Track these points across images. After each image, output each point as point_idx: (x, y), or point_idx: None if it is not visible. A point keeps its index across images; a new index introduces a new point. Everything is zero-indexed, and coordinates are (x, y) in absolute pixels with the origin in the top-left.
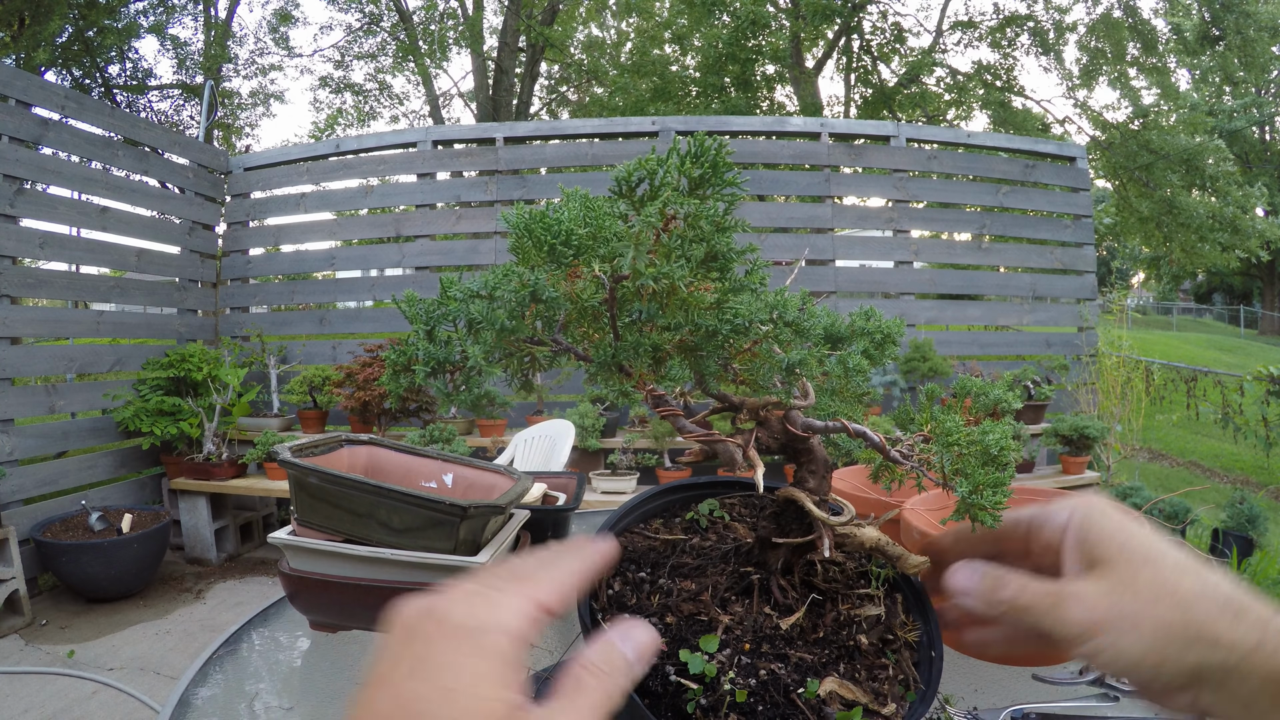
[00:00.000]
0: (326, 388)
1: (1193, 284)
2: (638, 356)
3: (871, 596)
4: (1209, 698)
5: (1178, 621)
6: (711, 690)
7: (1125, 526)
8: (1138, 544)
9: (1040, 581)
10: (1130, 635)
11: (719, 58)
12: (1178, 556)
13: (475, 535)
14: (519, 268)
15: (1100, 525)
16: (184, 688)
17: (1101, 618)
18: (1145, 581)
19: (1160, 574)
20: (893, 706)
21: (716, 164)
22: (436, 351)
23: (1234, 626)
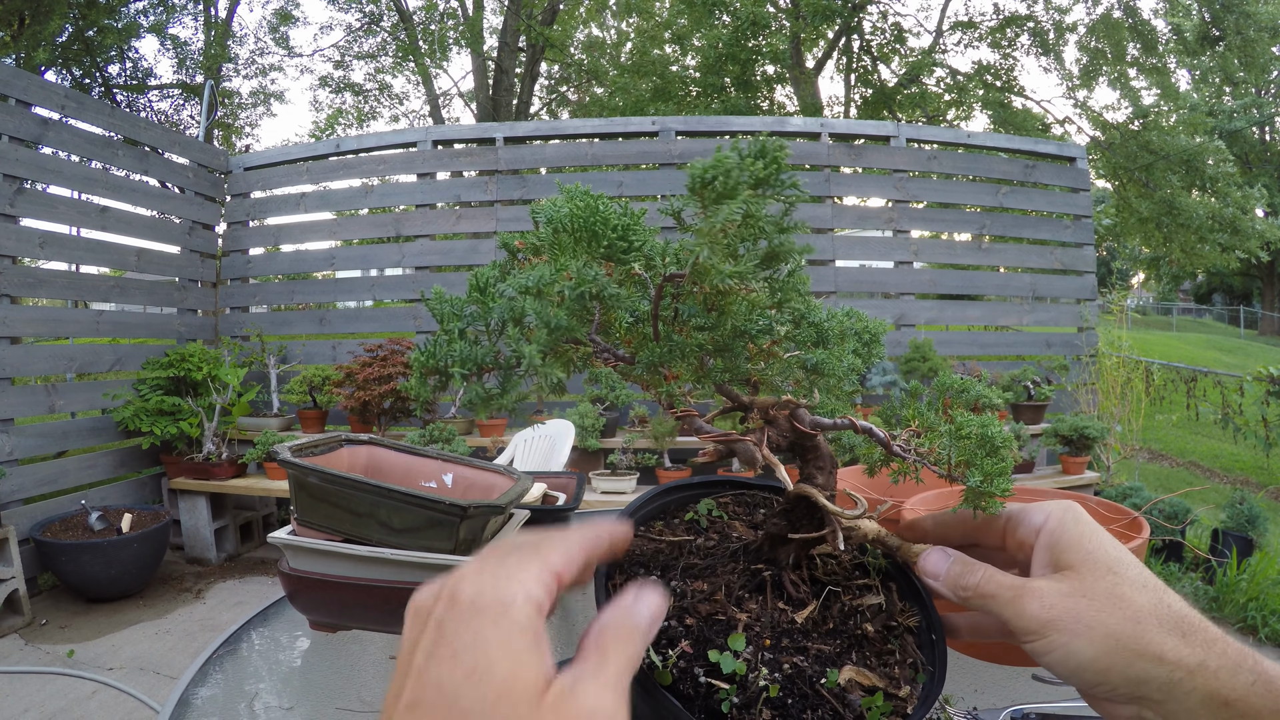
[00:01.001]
0: (326, 387)
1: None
2: (682, 358)
3: (870, 586)
4: (1150, 713)
5: (1127, 633)
6: (743, 688)
7: (1095, 536)
8: (1103, 554)
9: (1006, 574)
10: (1081, 639)
11: (719, 58)
12: (1139, 573)
13: (475, 535)
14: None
15: (1072, 531)
16: (184, 687)
17: (1056, 617)
18: (1103, 590)
19: (1118, 585)
20: (907, 689)
21: (778, 162)
22: (474, 352)
23: (1180, 645)
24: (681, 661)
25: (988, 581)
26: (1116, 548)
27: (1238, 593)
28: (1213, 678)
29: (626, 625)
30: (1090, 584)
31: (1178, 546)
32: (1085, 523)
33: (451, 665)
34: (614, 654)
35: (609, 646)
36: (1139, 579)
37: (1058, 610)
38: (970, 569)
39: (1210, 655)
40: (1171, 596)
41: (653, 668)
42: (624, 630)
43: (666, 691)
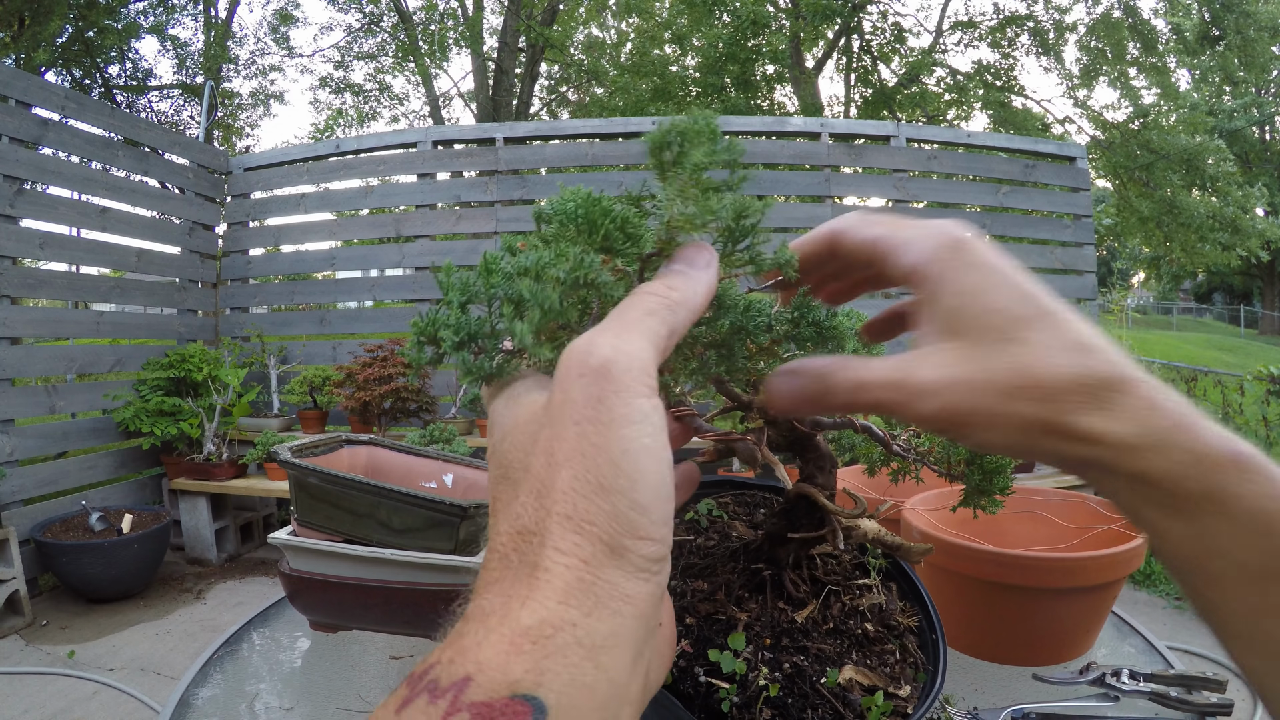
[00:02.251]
0: (326, 388)
1: (1193, 284)
2: (678, 352)
3: (870, 586)
4: (1081, 477)
5: (1039, 417)
6: (743, 687)
7: (987, 289)
8: (1000, 318)
9: (879, 370)
10: (990, 431)
11: (719, 58)
12: (1051, 329)
13: (475, 535)
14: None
15: (956, 285)
16: (184, 688)
17: (954, 417)
18: (1005, 371)
19: (1023, 360)
20: (907, 688)
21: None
22: (469, 323)
23: (1104, 420)
24: (682, 661)
25: (863, 386)
26: (1018, 298)
27: None
28: (1139, 456)
29: (672, 287)
30: (987, 363)
31: None
32: (975, 266)
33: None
34: (647, 307)
35: (645, 301)
36: (1049, 340)
37: (954, 410)
38: (828, 383)
39: (1137, 429)
40: (1095, 354)
41: None
42: (667, 292)
43: (667, 691)
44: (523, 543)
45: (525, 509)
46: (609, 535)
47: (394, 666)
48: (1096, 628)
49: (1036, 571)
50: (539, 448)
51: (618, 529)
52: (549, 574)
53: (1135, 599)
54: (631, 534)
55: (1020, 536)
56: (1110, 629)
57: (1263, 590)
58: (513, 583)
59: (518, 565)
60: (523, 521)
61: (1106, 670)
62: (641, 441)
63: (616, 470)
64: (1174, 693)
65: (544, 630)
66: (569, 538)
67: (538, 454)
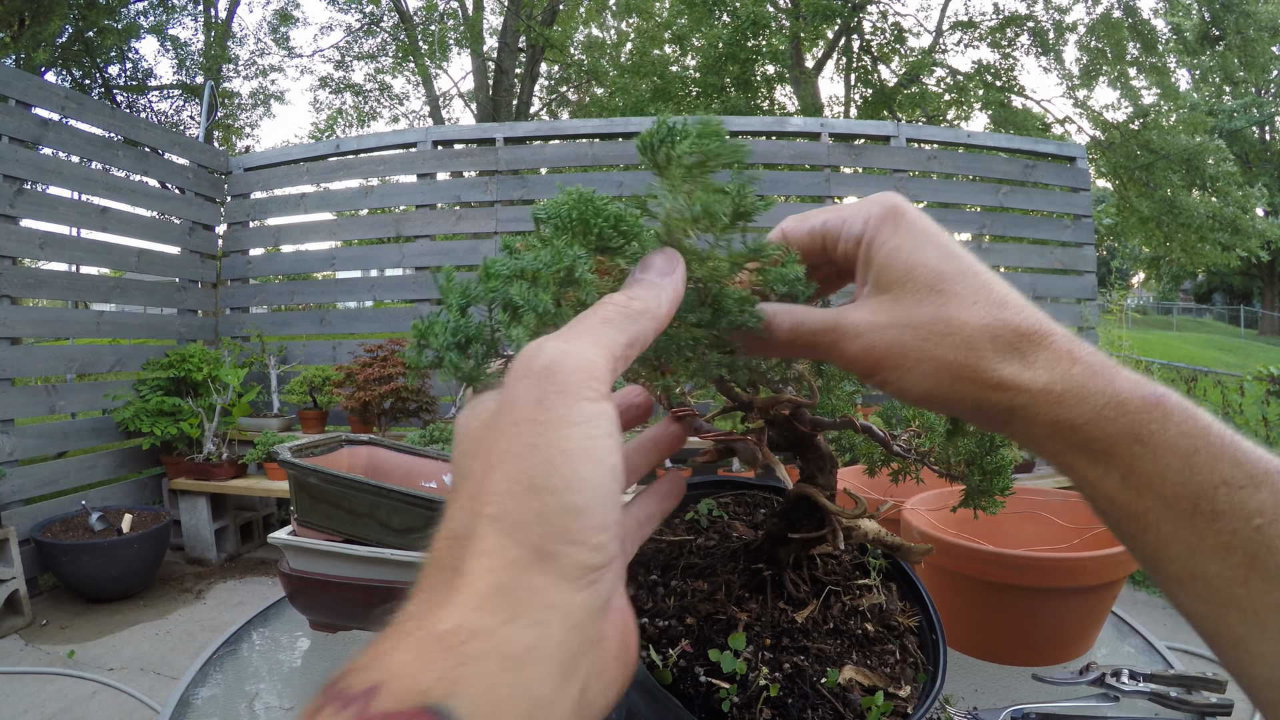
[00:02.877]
0: (326, 388)
1: (1193, 284)
2: (678, 352)
3: (870, 586)
4: (1003, 430)
5: (959, 361)
6: (743, 687)
7: (916, 245)
8: (925, 271)
9: (817, 313)
10: (911, 375)
11: (719, 58)
12: (971, 284)
13: None
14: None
15: (889, 245)
16: (184, 688)
17: (879, 357)
18: (926, 317)
19: (944, 308)
20: (907, 689)
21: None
22: (465, 326)
23: (1020, 369)
24: (682, 661)
25: (800, 329)
26: (943, 255)
27: None
28: (1057, 403)
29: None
30: (911, 310)
31: None
32: (906, 229)
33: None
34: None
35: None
36: (970, 293)
37: (879, 350)
38: (774, 323)
39: (1055, 377)
40: (1011, 309)
41: (653, 667)
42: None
43: (667, 691)
44: (453, 547)
45: (459, 512)
46: (538, 538)
47: None
48: (1096, 628)
49: (1036, 571)
50: (479, 450)
51: (547, 532)
52: (468, 578)
53: (1135, 599)
54: (563, 539)
55: (1020, 536)
56: (1110, 629)
57: (1194, 527)
58: (435, 588)
59: (445, 570)
60: (454, 525)
61: (1106, 670)
62: (582, 443)
63: (551, 470)
64: (1174, 693)
65: (458, 636)
66: (493, 539)
67: (478, 456)
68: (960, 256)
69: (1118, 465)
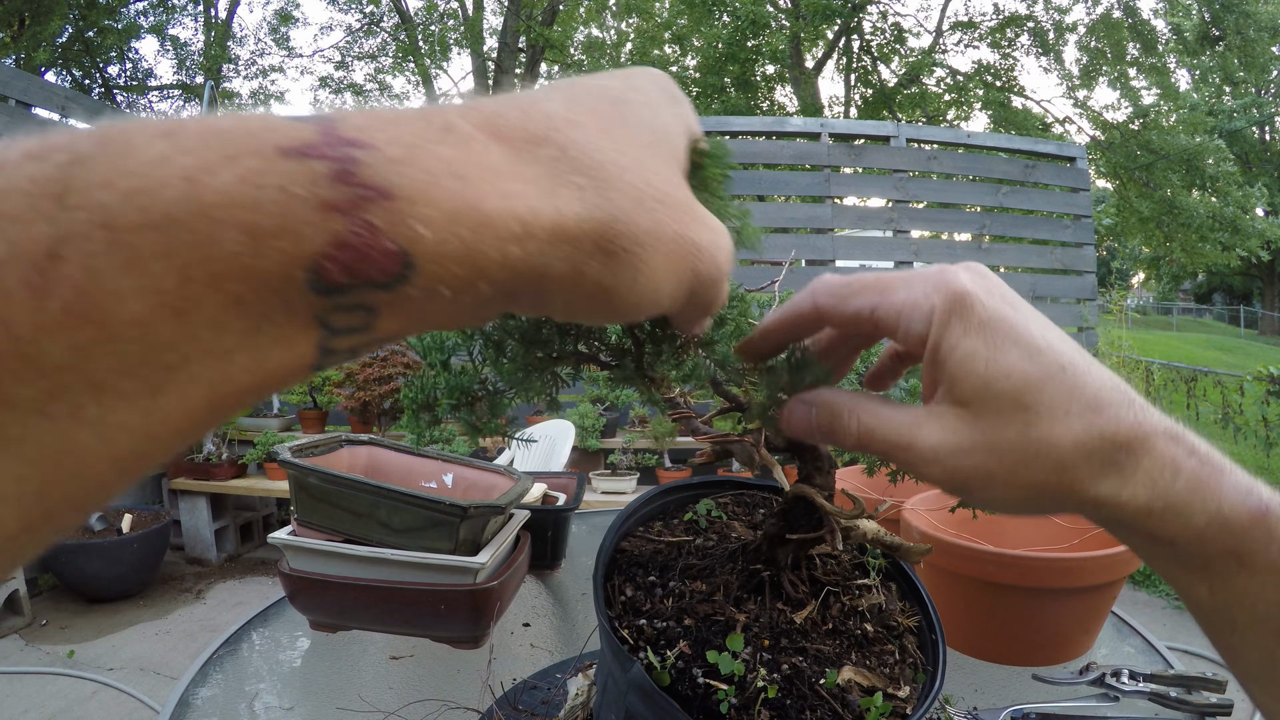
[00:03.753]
0: (326, 388)
1: (1193, 284)
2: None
3: (870, 586)
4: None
5: (1052, 484)
6: (741, 689)
7: (993, 353)
8: (1007, 384)
9: (889, 418)
10: (998, 494)
11: (719, 58)
12: (1061, 390)
13: (475, 535)
14: None
15: (960, 350)
16: (184, 688)
17: (962, 482)
18: (1013, 441)
19: (1033, 429)
20: (906, 689)
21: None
22: (458, 382)
23: (1119, 486)
24: (680, 662)
25: (870, 436)
26: (1026, 356)
27: None
28: (1157, 520)
29: None
30: (996, 433)
31: None
32: (979, 327)
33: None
34: None
35: None
36: (1061, 402)
37: (961, 475)
38: (840, 422)
39: (1155, 494)
40: (1107, 413)
41: (651, 669)
42: None
43: (665, 693)
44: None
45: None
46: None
47: (394, 666)
48: (1096, 628)
49: (1036, 571)
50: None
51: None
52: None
53: (1135, 599)
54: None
55: (1020, 536)
56: (1110, 629)
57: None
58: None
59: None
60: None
61: (1106, 670)
62: None
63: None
64: (1174, 693)
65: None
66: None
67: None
68: (1044, 351)
69: (1211, 578)
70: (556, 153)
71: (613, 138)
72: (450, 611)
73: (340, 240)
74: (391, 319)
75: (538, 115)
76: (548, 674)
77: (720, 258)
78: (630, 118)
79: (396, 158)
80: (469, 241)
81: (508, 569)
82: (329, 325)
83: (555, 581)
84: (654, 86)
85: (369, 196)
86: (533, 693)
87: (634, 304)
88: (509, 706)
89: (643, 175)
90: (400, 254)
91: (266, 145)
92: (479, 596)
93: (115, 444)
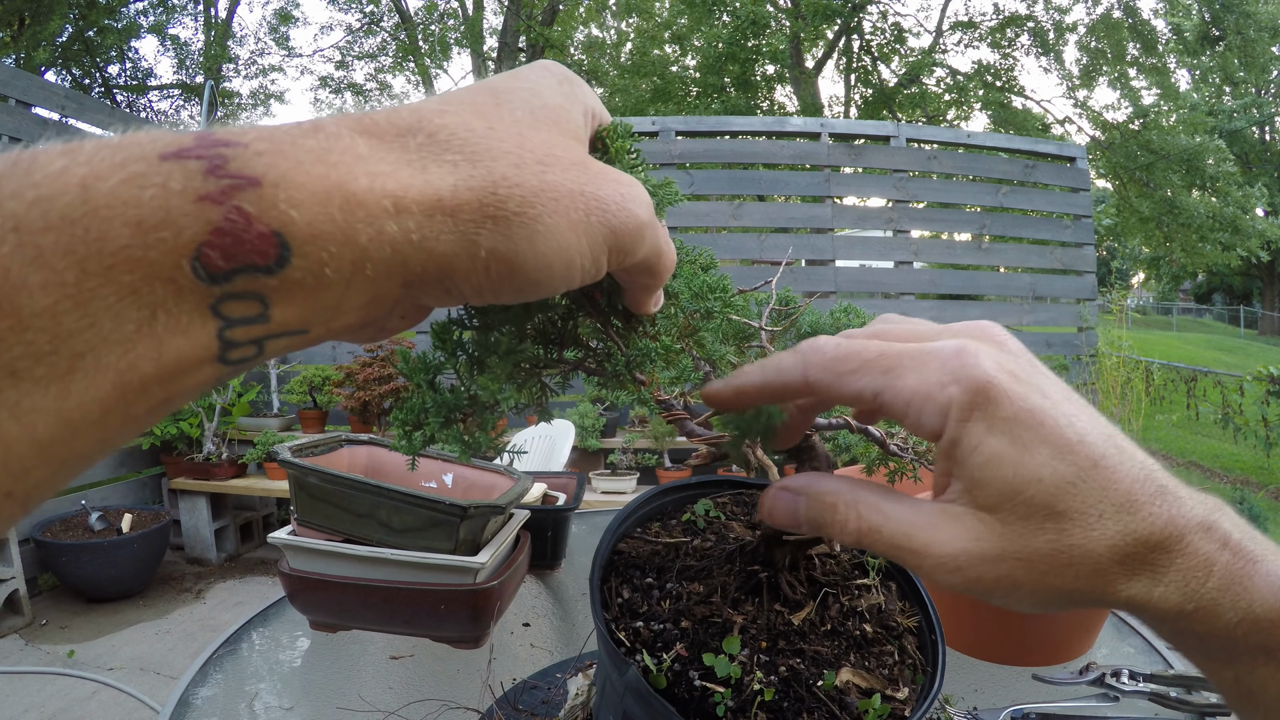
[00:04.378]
0: (326, 388)
1: (1193, 284)
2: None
3: (868, 587)
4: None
5: (1083, 589)
6: (738, 691)
7: (1020, 454)
8: (1037, 489)
9: (897, 517)
10: (1025, 599)
11: (719, 58)
12: (1089, 494)
13: (475, 535)
14: None
15: (984, 450)
16: (184, 688)
17: (985, 589)
18: (1044, 550)
19: (1065, 537)
20: (905, 690)
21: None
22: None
23: (1150, 587)
24: (676, 665)
25: (873, 535)
26: (1056, 455)
27: None
28: (1188, 620)
29: None
30: (1024, 541)
31: None
32: (1003, 424)
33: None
34: None
35: None
36: (1094, 505)
37: (985, 583)
38: (835, 516)
39: (1187, 596)
40: (1141, 513)
41: (647, 671)
42: None
43: (661, 696)
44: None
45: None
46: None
47: (394, 666)
48: (1096, 628)
49: None
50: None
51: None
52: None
53: None
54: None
55: None
56: (1110, 629)
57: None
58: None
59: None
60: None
61: (1106, 670)
62: None
63: None
64: (1174, 693)
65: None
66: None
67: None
68: (1075, 447)
69: (1238, 668)
70: (425, 139)
71: (486, 119)
72: (450, 611)
73: (217, 228)
74: (286, 307)
75: (405, 111)
76: (548, 674)
77: (634, 208)
78: (508, 103)
79: (263, 150)
80: (340, 221)
81: (508, 569)
82: (223, 315)
83: (555, 581)
84: (543, 74)
85: (239, 185)
86: (533, 693)
87: (544, 269)
88: (509, 706)
89: (521, 144)
90: (274, 236)
91: (150, 152)
92: (479, 596)
93: (34, 428)
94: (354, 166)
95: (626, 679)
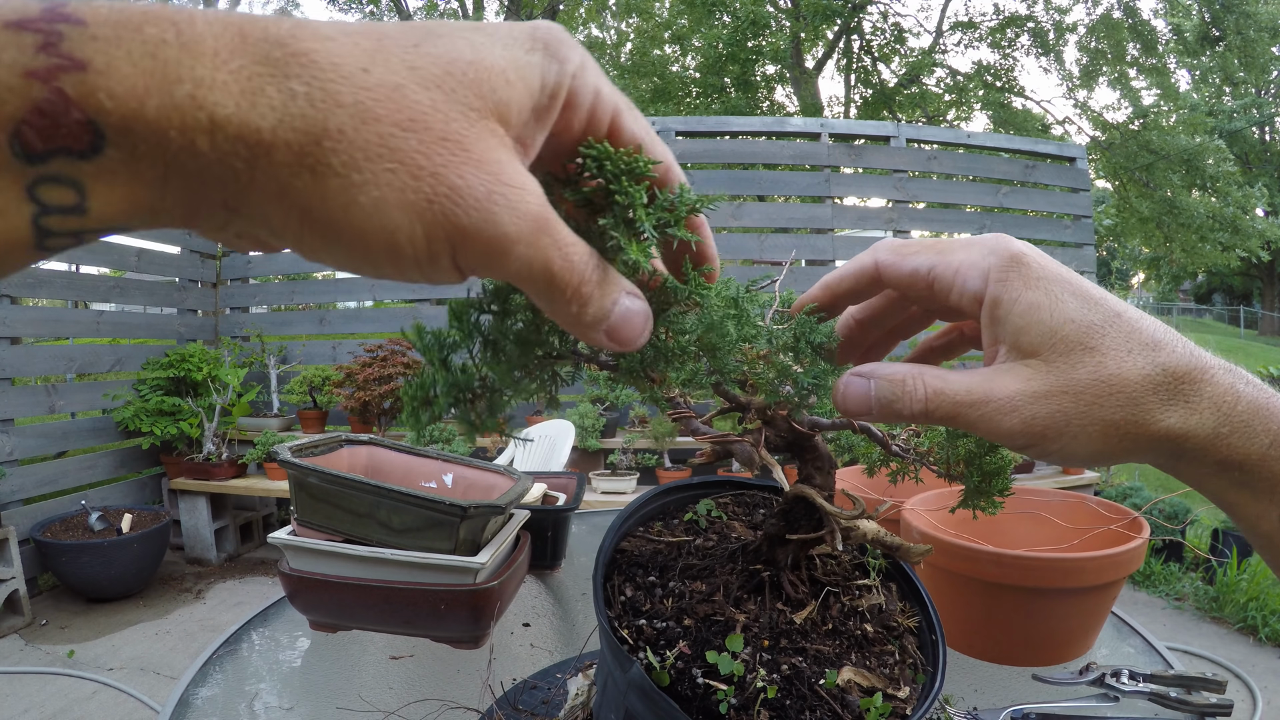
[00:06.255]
0: (326, 388)
1: (1193, 284)
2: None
3: (870, 587)
4: (1169, 471)
5: (1124, 420)
6: (741, 689)
7: (1054, 302)
8: (1073, 328)
9: (956, 382)
10: (1075, 441)
11: (719, 58)
12: (1122, 331)
13: (475, 535)
14: None
15: (1023, 303)
16: (184, 688)
17: (1039, 429)
18: (1086, 380)
19: (1103, 368)
20: (906, 689)
21: None
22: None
23: (1187, 415)
24: (679, 663)
25: (939, 400)
26: (1085, 304)
27: (1238, 593)
28: (1225, 444)
29: None
30: (1068, 374)
31: (1178, 546)
32: (1036, 281)
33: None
34: None
35: None
36: (1123, 342)
37: (1040, 422)
38: (905, 388)
39: (1221, 419)
40: (1166, 349)
41: (650, 669)
42: None
43: (664, 693)
44: None
45: None
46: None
47: (394, 666)
48: (1096, 628)
49: (1036, 571)
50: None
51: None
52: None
53: (1135, 599)
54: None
55: (1020, 537)
56: (1110, 629)
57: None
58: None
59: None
60: None
61: (1106, 670)
62: None
63: None
64: (1173, 693)
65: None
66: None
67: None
68: (1100, 301)
69: (1278, 500)
70: (285, 57)
71: (367, 60)
72: (450, 611)
73: (37, 107)
74: (102, 199)
75: (290, 23)
76: (548, 674)
77: (499, 213)
78: (417, 49)
79: (100, 35)
80: (153, 123)
81: (508, 569)
82: (39, 200)
83: (555, 581)
84: (509, 33)
85: (64, 66)
86: (533, 693)
87: (360, 243)
88: (509, 706)
89: (391, 99)
90: (89, 123)
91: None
92: (479, 596)
93: None
94: (182, 70)
95: (630, 676)
